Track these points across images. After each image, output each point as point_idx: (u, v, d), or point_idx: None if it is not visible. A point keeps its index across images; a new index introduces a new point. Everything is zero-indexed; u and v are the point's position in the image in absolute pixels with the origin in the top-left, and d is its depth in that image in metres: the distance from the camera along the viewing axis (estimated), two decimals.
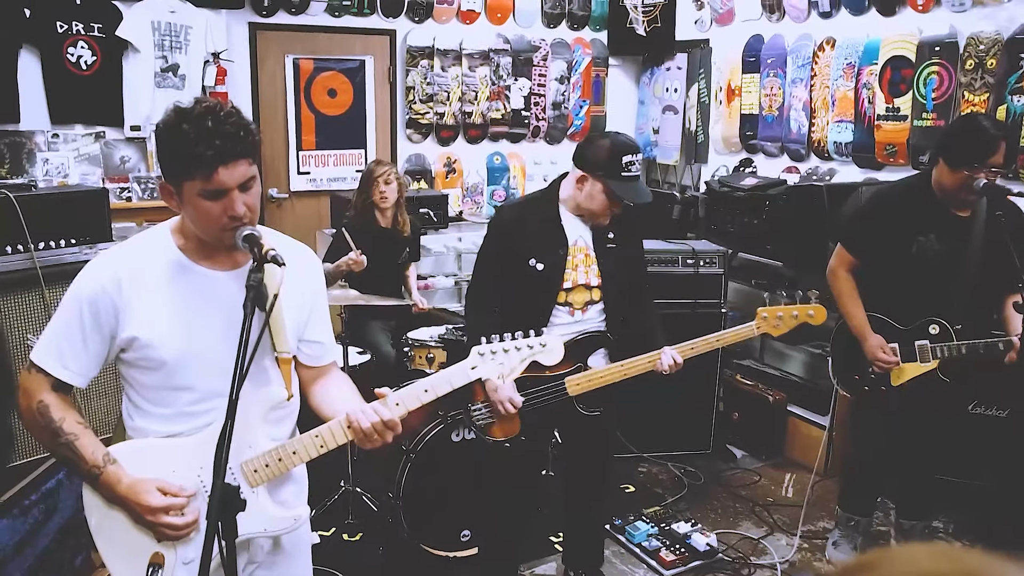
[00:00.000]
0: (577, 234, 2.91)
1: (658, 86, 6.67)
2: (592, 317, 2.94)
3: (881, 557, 0.50)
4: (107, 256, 1.84)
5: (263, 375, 1.87)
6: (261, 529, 1.86)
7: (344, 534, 3.79)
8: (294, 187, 5.82)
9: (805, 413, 4.66)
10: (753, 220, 4.95)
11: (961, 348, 3.02)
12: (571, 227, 2.90)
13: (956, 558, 0.49)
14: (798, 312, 2.89)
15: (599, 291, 2.93)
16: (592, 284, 2.91)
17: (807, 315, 2.88)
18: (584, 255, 2.91)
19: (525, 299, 2.83)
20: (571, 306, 2.90)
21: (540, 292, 2.86)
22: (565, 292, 2.88)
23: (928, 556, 0.50)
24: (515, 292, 2.86)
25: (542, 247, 2.85)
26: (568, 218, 2.90)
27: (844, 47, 5.08)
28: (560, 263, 2.86)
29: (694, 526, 3.79)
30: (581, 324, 2.92)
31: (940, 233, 3.01)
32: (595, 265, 2.91)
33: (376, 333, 4.41)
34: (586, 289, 2.91)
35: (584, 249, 2.91)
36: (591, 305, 2.92)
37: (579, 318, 2.91)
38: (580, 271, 2.89)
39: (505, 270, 2.89)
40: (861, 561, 0.51)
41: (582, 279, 2.90)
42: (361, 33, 5.84)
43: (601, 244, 2.93)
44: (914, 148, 4.73)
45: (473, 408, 2.95)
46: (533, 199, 3.08)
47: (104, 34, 4.96)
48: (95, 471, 1.77)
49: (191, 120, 1.63)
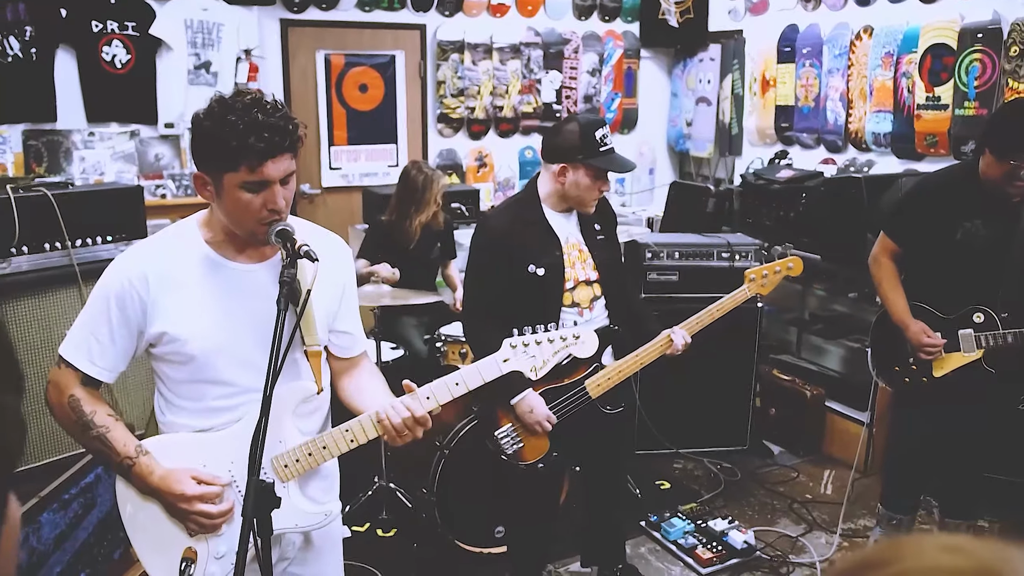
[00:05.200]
0: (567, 232, 2.86)
1: (691, 78, 6.58)
2: (598, 314, 2.89)
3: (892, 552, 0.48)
4: (134, 251, 1.84)
5: (293, 368, 1.86)
6: (292, 524, 1.85)
7: (378, 529, 3.79)
8: (326, 183, 5.84)
9: (844, 408, 4.58)
10: (789, 213, 4.87)
11: (1007, 337, 2.93)
12: (559, 226, 2.85)
13: (970, 552, 0.47)
14: (780, 267, 3.01)
15: (599, 285, 2.88)
16: (592, 279, 2.86)
17: (787, 268, 3.02)
18: (578, 251, 2.86)
19: (530, 307, 2.65)
20: (579, 306, 2.84)
21: (544, 297, 2.79)
22: (569, 293, 2.82)
23: (941, 550, 0.47)
24: (519, 302, 2.74)
25: (538, 251, 2.78)
26: (554, 216, 2.85)
27: (882, 35, 4.97)
28: (559, 264, 2.80)
29: (731, 523, 3.73)
30: (591, 323, 2.86)
31: (987, 218, 2.91)
32: (590, 259, 2.87)
33: (409, 329, 4.40)
34: (587, 285, 2.85)
35: (576, 245, 2.87)
36: (595, 301, 2.88)
37: (588, 317, 2.86)
38: (578, 268, 2.84)
39: (504, 278, 2.79)
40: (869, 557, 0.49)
41: (582, 275, 2.85)
42: (391, 28, 5.83)
43: (591, 237, 2.89)
44: (955, 138, 4.61)
45: (501, 435, 2.85)
46: (516, 202, 2.98)
47: (138, 32, 5.00)
48: (128, 462, 1.77)
49: (237, 111, 1.62)
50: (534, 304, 2.73)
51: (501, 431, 2.85)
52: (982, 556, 0.46)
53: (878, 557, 0.47)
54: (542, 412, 2.76)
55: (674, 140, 6.82)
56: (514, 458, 2.87)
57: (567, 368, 2.83)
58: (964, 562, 0.46)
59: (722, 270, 4.42)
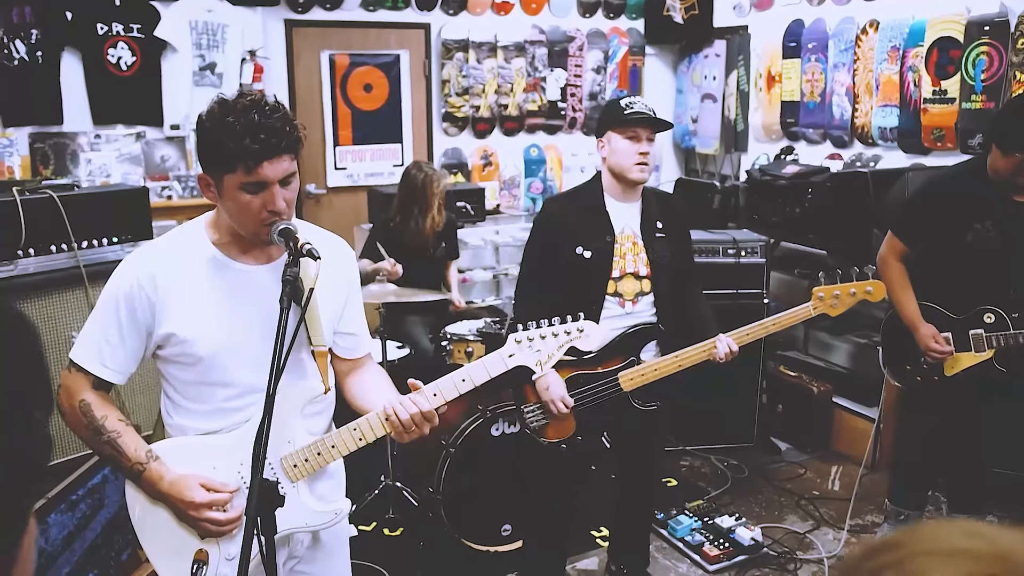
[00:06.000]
0: (624, 222, 2.87)
1: (696, 74, 6.57)
2: (643, 310, 2.87)
3: (911, 534, 0.48)
4: (141, 253, 1.84)
5: (300, 369, 1.86)
6: (303, 523, 1.86)
7: (385, 529, 3.80)
8: (331, 183, 5.84)
9: (851, 405, 4.56)
10: (795, 208, 4.85)
11: (1018, 337, 2.92)
12: (617, 215, 2.86)
13: (988, 537, 0.47)
14: (856, 289, 2.75)
15: (649, 282, 2.86)
16: (641, 274, 2.85)
17: (865, 292, 2.75)
18: (632, 243, 2.85)
19: (575, 290, 2.76)
20: (621, 297, 2.83)
21: (589, 281, 2.81)
22: (614, 281, 2.82)
23: (959, 534, 0.47)
24: (564, 283, 2.80)
25: (588, 235, 2.82)
26: (614, 205, 2.87)
27: (888, 29, 4.94)
28: (608, 250, 2.81)
29: (738, 520, 3.72)
30: (633, 317, 2.85)
31: (997, 219, 2.90)
32: (643, 253, 2.86)
33: (414, 327, 4.40)
34: (635, 279, 2.84)
35: (631, 237, 2.86)
36: (641, 297, 2.86)
37: (630, 310, 2.85)
38: (628, 259, 2.84)
39: (552, 261, 2.85)
40: (888, 539, 0.49)
41: (631, 267, 2.84)
42: (396, 27, 5.83)
43: (650, 232, 2.88)
44: (962, 132, 4.58)
45: (527, 410, 2.90)
46: (577, 190, 3.06)
47: (143, 35, 5.02)
48: (138, 468, 1.78)
49: (236, 113, 1.63)
50: (579, 287, 2.78)
51: (528, 407, 2.90)
52: (1000, 540, 0.46)
53: (897, 539, 0.48)
54: (556, 392, 2.77)
55: (679, 137, 6.80)
56: (537, 433, 2.89)
57: (599, 357, 2.84)
58: (982, 546, 0.46)
59: (728, 266, 4.41)
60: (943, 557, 0.45)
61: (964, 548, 0.45)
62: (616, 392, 2.84)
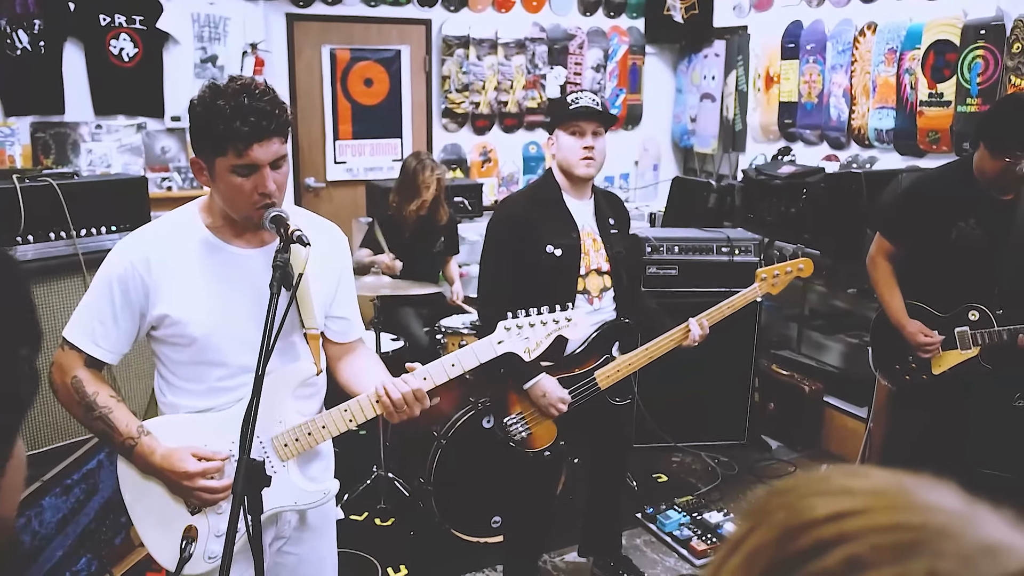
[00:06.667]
0: (583, 218, 2.91)
1: (696, 74, 6.60)
2: (607, 305, 2.92)
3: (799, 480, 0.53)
4: (136, 236, 1.87)
5: (292, 351, 1.90)
6: (292, 502, 1.89)
7: (376, 519, 3.83)
8: (331, 176, 5.87)
9: (842, 404, 4.60)
10: (790, 208, 4.88)
11: (1003, 334, 2.95)
12: (576, 211, 2.90)
13: (867, 476, 0.51)
14: (790, 267, 3.05)
15: (609, 277, 2.91)
16: (603, 269, 2.90)
17: (798, 269, 3.05)
18: (592, 239, 2.90)
19: (546, 289, 2.70)
20: (589, 293, 2.87)
21: (560, 279, 2.82)
22: (582, 278, 2.85)
23: (841, 475, 0.52)
24: (534, 283, 2.78)
25: (555, 233, 2.83)
26: (572, 202, 2.90)
27: (886, 32, 4.97)
28: (576, 247, 2.84)
29: (727, 516, 3.76)
30: (599, 313, 2.90)
31: (981, 217, 2.93)
32: (603, 249, 2.91)
33: (409, 319, 4.44)
34: (599, 275, 2.89)
35: (591, 234, 2.91)
36: (605, 292, 2.91)
37: (597, 306, 2.89)
38: (592, 255, 2.88)
39: (521, 262, 2.83)
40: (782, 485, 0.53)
41: (594, 263, 2.88)
42: (397, 23, 5.86)
43: (605, 229, 2.93)
44: (958, 135, 4.61)
45: (509, 422, 2.87)
46: (534, 187, 3.07)
47: (145, 26, 5.05)
48: (130, 442, 1.81)
49: (226, 96, 1.66)
50: (550, 286, 2.77)
51: (511, 418, 2.86)
52: (876, 478, 0.50)
53: (789, 484, 0.53)
54: (556, 395, 2.77)
55: (678, 136, 6.83)
56: (522, 445, 2.88)
57: (578, 358, 2.87)
58: (861, 484, 0.50)
59: (721, 265, 4.45)
60: (827, 495, 0.49)
61: (846, 486, 0.50)
62: (595, 391, 2.87)
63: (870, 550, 0.45)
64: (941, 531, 0.46)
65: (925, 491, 0.49)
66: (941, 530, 0.46)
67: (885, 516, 0.47)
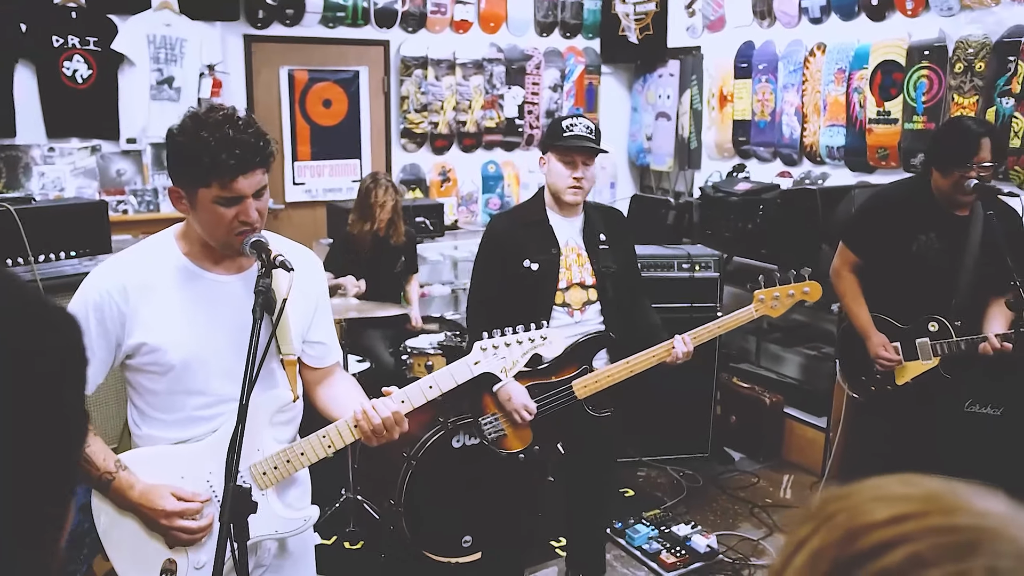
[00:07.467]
0: (567, 235, 2.98)
1: (651, 93, 6.71)
2: (591, 318, 2.97)
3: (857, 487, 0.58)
4: (111, 263, 1.85)
5: (270, 378, 1.89)
6: (273, 531, 1.88)
7: (345, 542, 3.80)
8: (290, 198, 5.84)
9: (802, 415, 4.69)
10: (747, 224, 4.98)
11: (960, 344, 3.05)
12: (560, 228, 2.98)
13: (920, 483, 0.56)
14: (794, 291, 2.85)
15: (595, 290, 2.96)
16: (587, 283, 2.95)
17: (803, 292, 2.85)
18: (576, 255, 2.96)
19: (523, 302, 2.83)
20: (569, 307, 2.93)
21: (537, 293, 2.90)
22: (562, 292, 2.92)
23: (896, 483, 0.57)
24: (513, 296, 2.88)
25: (534, 249, 2.92)
26: (556, 220, 2.98)
27: (835, 52, 5.12)
28: (554, 262, 2.91)
29: (694, 528, 3.81)
30: (581, 325, 2.94)
31: (940, 232, 3.05)
32: (588, 264, 2.97)
33: (375, 341, 4.43)
34: (581, 288, 2.94)
35: (576, 249, 2.97)
36: (589, 305, 2.96)
37: (578, 319, 2.94)
38: (574, 270, 2.95)
39: (501, 276, 2.94)
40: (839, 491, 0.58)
41: (576, 278, 2.94)
42: (355, 44, 5.86)
43: (593, 244, 2.99)
44: (905, 151, 4.77)
45: (484, 421, 2.95)
46: (522, 206, 3.19)
47: (100, 48, 4.98)
48: (107, 477, 1.78)
49: (209, 128, 1.65)
50: (528, 299, 2.86)
51: (485, 418, 2.94)
52: (930, 485, 0.56)
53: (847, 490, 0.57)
54: (520, 401, 2.84)
55: (635, 154, 6.93)
56: (496, 444, 2.94)
57: (554, 367, 2.91)
58: (915, 490, 0.55)
59: (683, 281, 4.52)
60: (885, 500, 0.54)
61: (902, 493, 0.55)
62: (571, 400, 2.91)
63: (930, 549, 0.49)
64: (996, 533, 0.50)
65: (974, 496, 0.54)
66: (996, 532, 0.50)
67: (942, 518, 0.51)
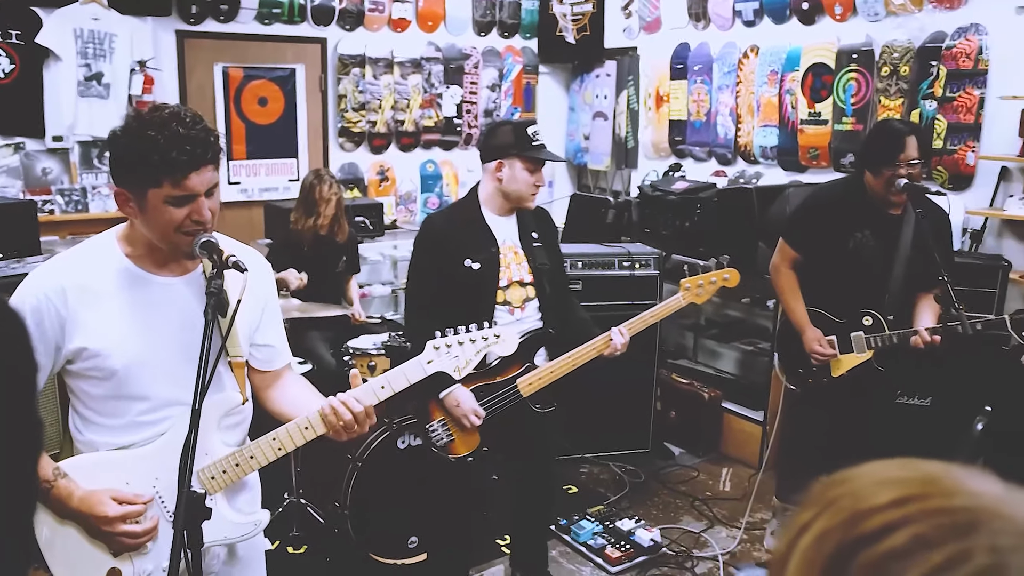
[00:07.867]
0: (504, 233, 2.99)
1: (588, 93, 6.78)
2: (530, 315, 3.00)
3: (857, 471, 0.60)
4: (50, 266, 1.79)
5: (218, 381, 1.84)
6: (223, 536, 1.84)
7: (289, 547, 3.74)
8: (225, 198, 5.67)
9: (739, 409, 4.80)
10: (685, 223, 5.07)
11: (893, 338, 3.16)
12: (497, 227, 2.98)
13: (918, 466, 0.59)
14: (715, 277, 3.11)
15: (533, 288, 2.99)
16: (525, 281, 2.98)
17: (723, 279, 3.11)
18: (514, 253, 2.98)
19: (465, 301, 2.81)
20: (510, 305, 2.95)
21: (479, 291, 2.90)
22: (503, 291, 2.93)
23: (896, 467, 0.59)
24: (454, 296, 2.86)
25: (474, 247, 2.92)
26: (492, 219, 2.98)
27: (768, 55, 5.26)
28: (494, 260, 2.92)
29: (637, 523, 3.86)
30: (522, 323, 2.96)
31: (875, 230, 3.16)
32: (525, 262, 2.99)
33: (316, 342, 4.37)
34: (521, 286, 2.97)
35: (512, 247, 2.99)
36: (528, 303, 2.99)
37: (519, 316, 2.96)
38: (513, 268, 2.96)
39: (441, 276, 2.92)
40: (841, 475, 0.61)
41: (516, 276, 2.96)
42: (292, 41, 5.78)
43: (527, 242, 3.02)
44: (835, 151, 4.93)
45: (430, 429, 2.93)
46: (457, 205, 3.17)
47: (23, 41, 4.80)
48: (45, 486, 1.72)
49: (156, 126, 1.61)
50: (469, 299, 2.85)
51: (432, 425, 2.93)
52: (927, 468, 0.58)
53: (848, 474, 0.60)
54: (468, 406, 2.84)
55: (572, 153, 6.99)
56: (444, 451, 2.93)
57: (499, 367, 2.92)
58: (914, 473, 0.58)
59: (623, 279, 4.58)
60: (886, 484, 0.57)
61: (902, 477, 0.57)
62: (517, 399, 2.93)
63: (933, 529, 0.52)
64: (994, 512, 0.53)
65: (969, 478, 0.56)
66: (994, 511, 0.53)
67: (942, 500, 0.54)
